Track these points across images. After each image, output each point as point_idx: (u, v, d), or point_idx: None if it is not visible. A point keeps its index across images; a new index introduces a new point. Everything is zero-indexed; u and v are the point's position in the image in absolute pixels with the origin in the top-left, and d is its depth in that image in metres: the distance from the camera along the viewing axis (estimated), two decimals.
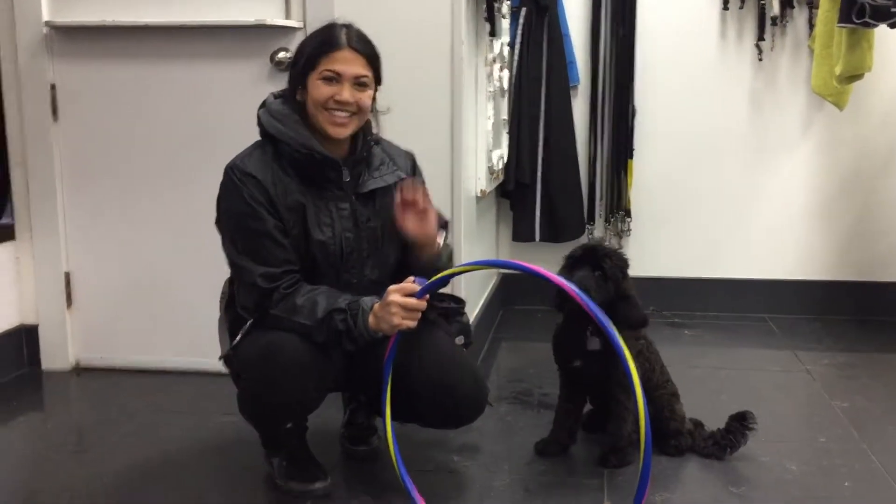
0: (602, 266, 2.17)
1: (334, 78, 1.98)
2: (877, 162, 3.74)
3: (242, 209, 1.98)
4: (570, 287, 1.74)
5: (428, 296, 1.94)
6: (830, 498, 2.14)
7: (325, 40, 1.99)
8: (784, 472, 2.29)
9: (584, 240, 3.92)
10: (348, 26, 2.03)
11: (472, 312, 3.18)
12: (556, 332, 2.36)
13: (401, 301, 1.89)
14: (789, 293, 3.85)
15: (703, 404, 2.56)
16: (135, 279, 3.06)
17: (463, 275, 2.64)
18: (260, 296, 1.97)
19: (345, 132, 2.03)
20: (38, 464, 2.43)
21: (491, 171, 3.36)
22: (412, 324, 1.91)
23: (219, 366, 2.16)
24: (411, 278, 1.93)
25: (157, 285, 3.05)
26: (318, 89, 1.98)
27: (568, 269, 2.21)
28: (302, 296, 1.97)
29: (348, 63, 1.99)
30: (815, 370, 3.12)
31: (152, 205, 3.00)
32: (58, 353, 3.11)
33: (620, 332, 1.73)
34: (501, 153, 3.58)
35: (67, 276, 3.08)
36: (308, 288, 2.00)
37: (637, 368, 1.72)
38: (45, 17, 2.91)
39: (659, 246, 3.93)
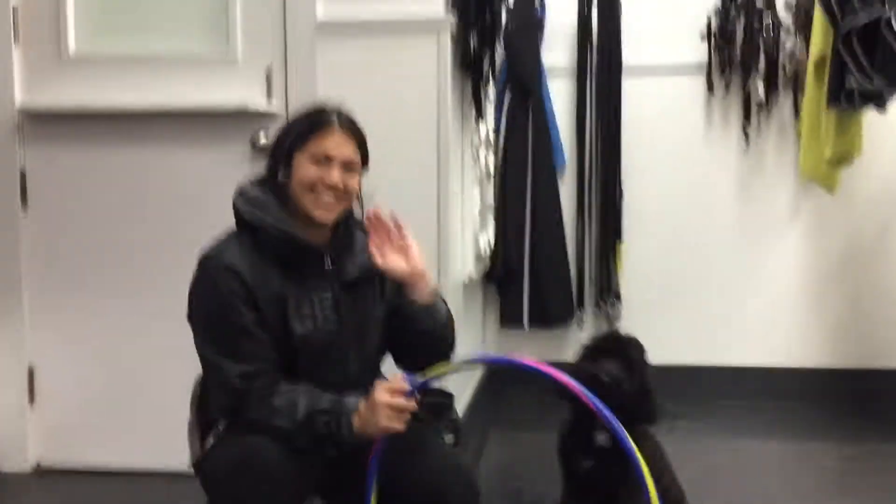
0: (630, 356, 2.03)
1: (324, 160, 1.89)
2: (869, 245, 3.68)
3: (218, 303, 1.85)
4: (577, 386, 1.62)
5: (418, 395, 1.80)
6: None
7: (317, 120, 1.90)
8: None
9: (573, 325, 3.82)
10: (338, 109, 1.95)
11: (461, 404, 3.04)
12: (561, 430, 2.17)
13: (388, 401, 1.75)
14: (788, 380, 3.73)
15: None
16: (102, 374, 2.90)
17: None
18: (235, 397, 1.83)
19: (330, 216, 1.92)
20: None
21: (478, 256, 3.27)
22: (400, 427, 1.77)
23: (187, 467, 1.99)
24: (400, 375, 1.80)
25: (125, 381, 2.89)
26: (307, 170, 1.88)
27: (590, 359, 2.06)
28: (280, 395, 1.83)
29: (339, 146, 1.89)
30: (819, 464, 2.99)
31: (122, 295, 2.86)
32: (17, 454, 2.91)
33: (639, 427, 1.61)
34: (488, 238, 3.50)
35: (31, 370, 2.91)
36: (287, 387, 1.85)
37: (651, 471, 1.58)
38: (18, 101, 2.82)
39: (651, 331, 3.72)
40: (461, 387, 3.10)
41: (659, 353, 3.72)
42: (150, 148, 2.82)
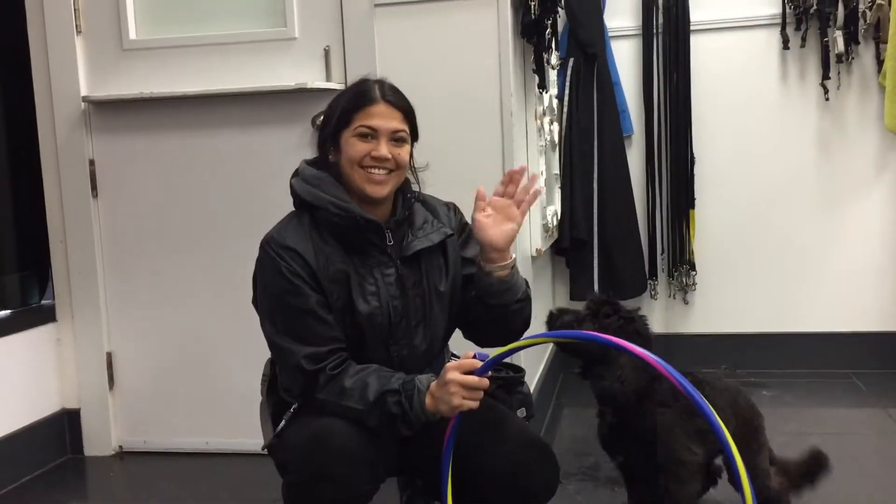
0: (632, 317, 1.94)
1: (370, 134, 1.83)
2: None
3: (282, 286, 1.83)
4: (655, 359, 1.54)
5: (490, 372, 1.75)
6: None
7: (358, 94, 1.85)
8: None
9: (646, 296, 3.72)
10: (381, 80, 1.90)
11: (532, 379, 2.99)
12: (599, 427, 2.09)
13: (460, 380, 1.71)
14: (874, 346, 3.57)
15: None
16: (177, 358, 2.94)
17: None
18: (305, 379, 1.81)
19: (384, 191, 1.88)
20: None
21: (545, 228, 3.20)
22: (473, 404, 1.72)
23: (262, 448, 1.99)
24: (471, 353, 1.75)
25: (199, 364, 2.93)
26: (354, 147, 1.84)
27: (591, 318, 1.96)
28: (351, 377, 1.81)
29: (384, 118, 1.84)
30: None
31: (194, 279, 2.90)
32: (100, 438, 2.99)
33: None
34: (555, 209, 3.42)
35: (109, 356, 2.97)
36: (357, 368, 1.83)
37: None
38: (83, 91, 2.86)
39: (727, 300, 3.70)
40: (533, 362, 3.05)
41: (739, 321, 3.66)
42: (213, 132, 2.83)
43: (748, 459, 1.89)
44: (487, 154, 2.68)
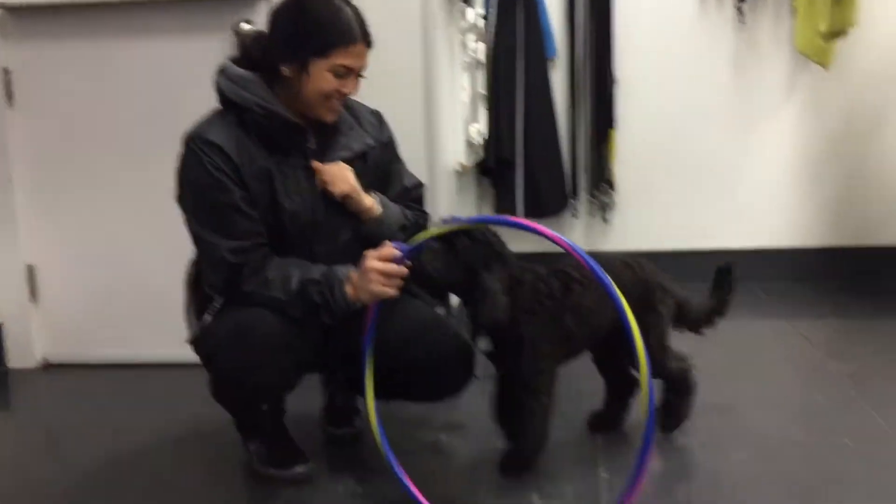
0: (487, 239, 1.87)
1: (345, 73, 1.86)
2: (865, 121, 3.65)
3: (205, 181, 1.86)
4: (563, 240, 1.63)
5: (408, 262, 1.82)
6: (833, 459, 2.05)
7: (341, 31, 1.83)
8: (784, 436, 2.20)
9: (567, 214, 3.84)
10: (356, 11, 1.88)
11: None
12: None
13: (380, 267, 1.78)
14: (781, 261, 3.76)
15: (698, 374, 2.45)
16: (103, 269, 2.93)
17: None
18: (229, 271, 1.86)
19: (336, 116, 1.95)
20: (7, 464, 2.30)
21: (469, 144, 3.26)
22: (393, 292, 1.80)
23: (194, 356, 2.03)
24: (389, 243, 1.82)
25: (126, 275, 2.93)
26: (326, 81, 1.85)
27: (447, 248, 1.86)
28: (274, 269, 1.86)
29: (360, 58, 1.88)
30: (811, 335, 3.04)
31: (117, 189, 2.88)
32: (24, 351, 2.99)
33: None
34: (479, 128, 3.48)
35: (30, 268, 2.95)
36: (279, 260, 1.89)
37: None
38: None
39: (645, 218, 3.84)
40: None
41: (653, 239, 3.80)
42: (132, 39, 2.79)
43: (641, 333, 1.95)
44: (410, 66, 2.71)
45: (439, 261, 1.82)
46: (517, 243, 2.05)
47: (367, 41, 1.87)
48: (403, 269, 1.80)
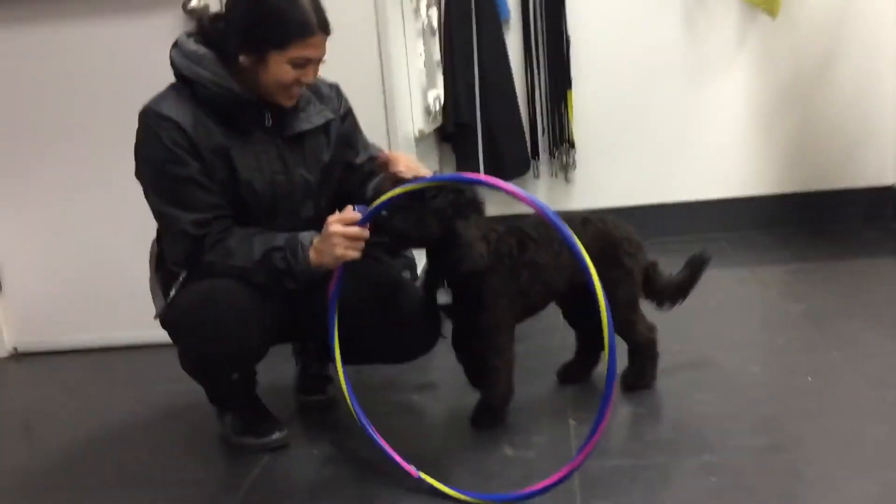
0: (459, 188, 1.87)
1: (304, 64, 1.85)
2: (814, 68, 3.71)
3: (162, 154, 1.86)
4: (523, 194, 1.65)
5: (370, 225, 1.84)
6: (794, 394, 2.12)
7: (300, 23, 1.81)
8: (746, 375, 2.27)
9: (530, 176, 3.87)
10: (318, 7, 1.86)
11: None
12: (425, 284, 2.06)
13: (342, 231, 1.80)
14: (740, 210, 3.83)
15: (661, 321, 2.50)
16: (67, 255, 2.92)
17: None
18: (191, 244, 1.87)
19: (294, 101, 1.94)
20: None
21: (428, 111, 3.27)
22: (356, 254, 1.82)
23: (164, 337, 2.04)
24: (351, 207, 1.84)
25: (91, 259, 2.92)
26: (285, 72, 1.84)
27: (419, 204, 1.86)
28: (235, 238, 1.87)
29: (319, 48, 1.87)
30: (770, 280, 3.12)
31: (77, 174, 2.86)
32: None
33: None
34: (438, 94, 3.48)
35: None
36: (241, 230, 1.90)
37: None
38: None
39: (606, 176, 3.88)
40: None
41: (615, 196, 3.85)
42: (83, 22, 2.75)
43: (607, 289, 1.96)
44: (363, 34, 2.71)
45: (412, 217, 1.83)
46: None
47: (325, 30, 1.86)
48: (365, 232, 1.82)
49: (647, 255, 2.20)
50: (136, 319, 2.78)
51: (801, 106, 3.75)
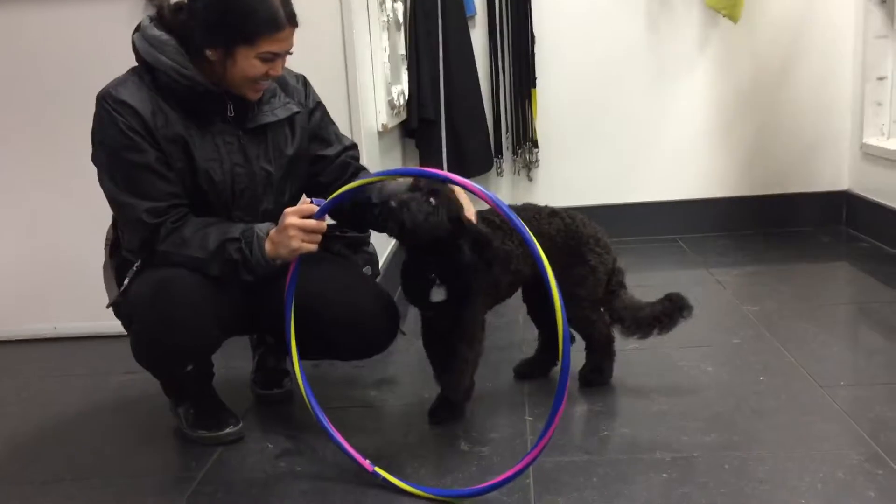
0: (434, 188, 1.85)
1: (272, 58, 1.83)
2: (773, 73, 3.77)
3: (119, 141, 1.83)
4: (479, 188, 1.65)
5: (327, 217, 1.83)
6: (747, 393, 2.15)
7: (268, 18, 1.78)
8: (701, 374, 2.30)
9: (492, 174, 3.88)
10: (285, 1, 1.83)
11: (383, 250, 3.10)
12: (402, 270, 2.05)
13: (299, 223, 1.78)
14: (698, 212, 3.89)
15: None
16: (20, 243, 2.86)
17: None
18: (146, 232, 1.84)
19: (260, 95, 1.91)
20: None
21: (392, 105, 3.26)
22: (312, 247, 1.81)
23: (118, 327, 2.00)
24: (308, 199, 1.82)
25: (44, 248, 2.86)
26: (253, 67, 1.82)
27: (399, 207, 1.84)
28: (191, 228, 1.85)
29: (287, 41, 1.84)
30: (726, 281, 3.16)
31: (32, 161, 2.80)
32: None
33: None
34: (402, 89, 3.48)
35: None
36: (197, 220, 1.87)
37: None
38: None
39: (568, 174, 3.91)
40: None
41: (577, 195, 3.88)
42: (38, 7, 2.69)
43: (566, 287, 1.92)
44: (327, 25, 2.69)
45: (436, 215, 1.81)
46: None
47: (293, 23, 1.83)
48: (323, 225, 1.81)
49: (616, 259, 2.21)
50: (90, 309, 2.75)
51: (759, 110, 3.81)
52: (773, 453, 1.82)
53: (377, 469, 1.80)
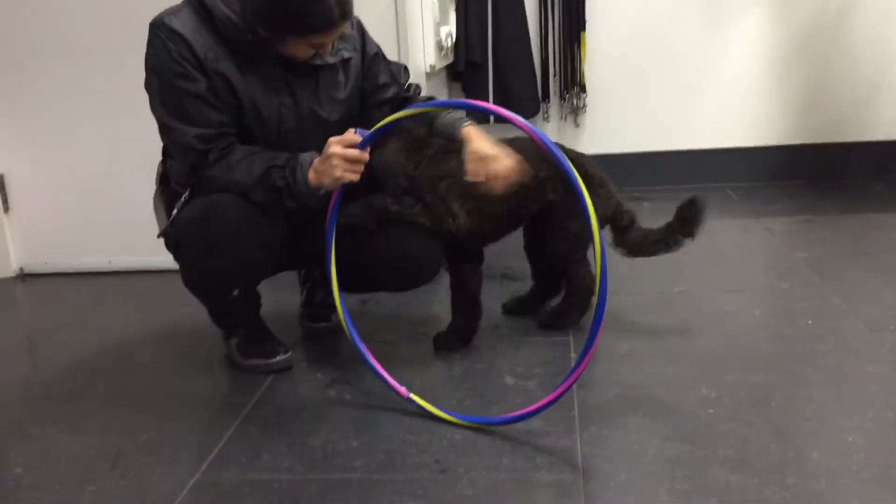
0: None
1: (323, 44, 1.87)
2: (830, 19, 3.66)
3: (172, 69, 1.84)
4: (524, 123, 1.65)
5: (370, 148, 1.84)
6: (795, 337, 2.14)
7: (324, 21, 1.78)
8: (748, 318, 2.29)
9: (539, 118, 3.85)
10: None
11: None
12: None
13: (342, 153, 1.80)
14: (748, 161, 3.81)
15: (662, 264, 2.48)
16: (74, 177, 2.92)
17: None
18: (194, 157, 1.86)
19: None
20: None
21: (439, 46, 3.23)
22: (355, 177, 1.82)
23: (170, 262, 2.05)
24: (352, 129, 1.83)
25: (99, 182, 2.92)
26: (302, 50, 1.86)
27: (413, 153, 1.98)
28: (238, 155, 1.87)
29: (337, 31, 1.86)
30: (775, 229, 3.12)
31: (86, 93, 2.84)
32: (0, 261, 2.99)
33: None
34: (450, 30, 3.45)
35: (1, 178, 2.93)
36: (244, 147, 1.89)
37: None
38: None
39: (615, 121, 3.86)
40: None
41: (624, 141, 3.84)
42: None
43: (560, 221, 2.10)
44: None
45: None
46: None
47: (345, 18, 1.82)
48: (365, 155, 1.82)
49: (620, 205, 2.22)
50: (143, 245, 2.80)
51: (815, 56, 3.71)
52: (821, 393, 1.82)
53: (412, 396, 1.84)
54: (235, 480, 1.62)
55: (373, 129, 1.80)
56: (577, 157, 2.12)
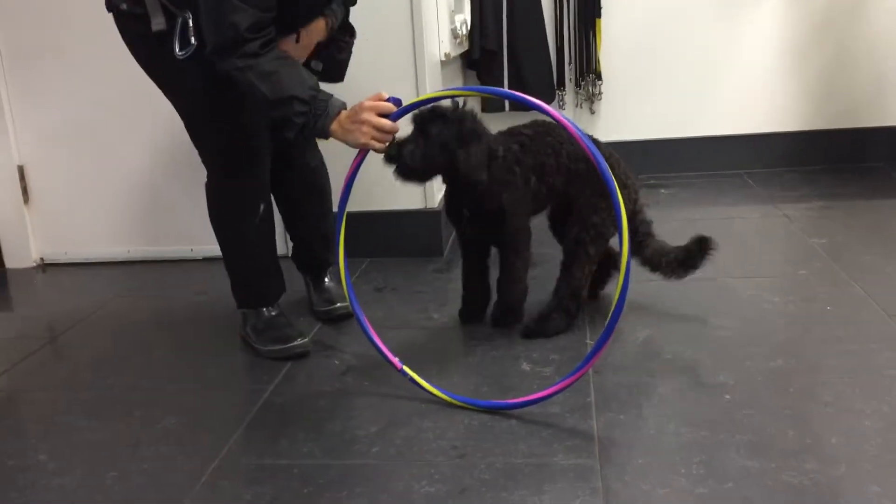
0: (461, 116, 1.95)
1: None
2: (847, 3, 3.62)
3: None
4: (561, 116, 1.67)
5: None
6: (813, 323, 2.13)
7: None
8: (766, 304, 2.28)
9: (555, 106, 3.83)
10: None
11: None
12: (445, 200, 2.22)
13: (375, 121, 1.80)
14: (766, 147, 3.79)
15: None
16: (94, 167, 2.95)
17: None
18: (233, 39, 1.77)
19: None
20: (11, 352, 2.35)
21: (454, 34, 3.23)
22: (381, 146, 1.83)
23: (187, 253, 2.07)
24: (386, 95, 1.83)
25: (118, 173, 2.94)
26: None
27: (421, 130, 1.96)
28: (271, 62, 1.80)
29: None
30: (793, 214, 3.10)
31: (105, 84, 2.86)
32: (20, 251, 3.03)
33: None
34: (465, 18, 3.44)
35: (21, 169, 2.96)
36: (282, 55, 1.84)
37: None
38: None
39: (631, 108, 3.84)
40: None
41: (641, 128, 3.82)
42: None
43: (583, 213, 2.13)
44: None
45: (417, 151, 1.90)
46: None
47: None
48: (397, 127, 1.84)
49: (639, 203, 2.22)
50: (161, 234, 2.83)
51: (832, 41, 3.67)
52: (839, 378, 1.81)
53: (405, 368, 1.88)
54: (254, 466, 1.63)
55: (407, 104, 1.82)
56: (610, 155, 2.14)
